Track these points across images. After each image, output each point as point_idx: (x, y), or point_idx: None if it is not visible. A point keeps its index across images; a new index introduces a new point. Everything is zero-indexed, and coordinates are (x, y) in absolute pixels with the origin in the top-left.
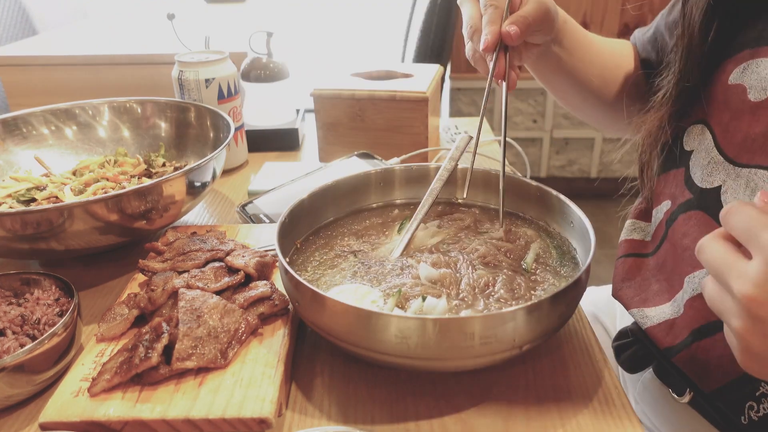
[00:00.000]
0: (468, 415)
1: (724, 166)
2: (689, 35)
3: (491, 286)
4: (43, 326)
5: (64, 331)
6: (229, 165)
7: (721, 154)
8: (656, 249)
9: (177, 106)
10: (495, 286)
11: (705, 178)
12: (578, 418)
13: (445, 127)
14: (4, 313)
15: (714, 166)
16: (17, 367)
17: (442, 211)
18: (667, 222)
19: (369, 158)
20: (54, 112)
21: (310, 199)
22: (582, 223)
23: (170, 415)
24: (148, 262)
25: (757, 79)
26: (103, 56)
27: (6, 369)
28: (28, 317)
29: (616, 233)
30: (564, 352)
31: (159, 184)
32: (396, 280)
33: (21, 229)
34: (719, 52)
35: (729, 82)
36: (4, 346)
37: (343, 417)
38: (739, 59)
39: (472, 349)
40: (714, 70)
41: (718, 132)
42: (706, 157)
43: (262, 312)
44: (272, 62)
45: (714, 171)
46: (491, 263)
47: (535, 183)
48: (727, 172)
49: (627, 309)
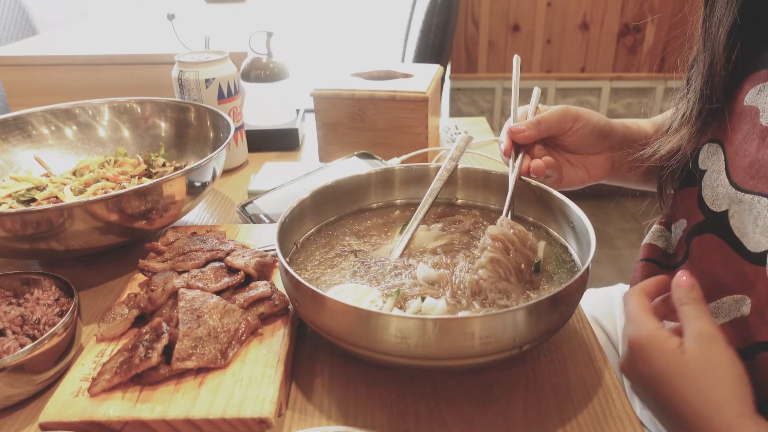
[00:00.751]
0: (468, 415)
1: (728, 190)
2: (711, 56)
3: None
4: (43, 326)
5: (64, 331)
6: (229, 165)
7: (728, 178)
8: (679, 264)
9: (177, 106)
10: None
11: (714, 201)
12: (578, 418)
13: (445, 127)
14: (4, 313)
15: (721, 189)
16: (17, 367)
17: (442, 212)
18: (686, 240)
19: (369, 158)
20: (54, 112)
21: (310, 199)
22: (582, 223)
23: (170, 415)
24: (148, 262)
25: None
26: (103, 56)
27: (6, 369)
28: (28, 317)
29: (616, 233)
30: (564, 352)
31: (159, 184)
32: (395, 280)
33: (21, 229)
34: (739, 71)
35: (744, 102)
36: (4, 346)
37: (343, 417)
38: (757, 79)
39: (472, 349)
40: (734, 88)
41: (729, 153)
42: (716, 179)
43: (262, 312)
44: (272, 62)
45: (721, 194)
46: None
47: (535, 183)
48: (731, 197)
49: None
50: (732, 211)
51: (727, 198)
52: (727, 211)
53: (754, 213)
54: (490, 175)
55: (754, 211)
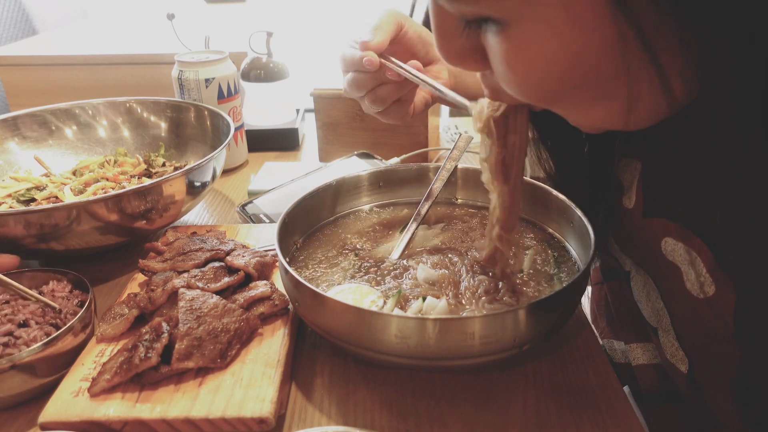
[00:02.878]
0: (468, 415)
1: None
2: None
3: (491, 291)
4: (65, 315)
5: (84, 320)
6: (229, 165)
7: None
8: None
9: (177, 106)
10: (494, 290)
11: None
12: (578, 418)
13: (445, 127)
14: (23, 306)
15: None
16: (44, 354)
17: (442, 211)
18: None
19: (369, 158)
20: (54, 112)
21: (311, 198)
22: (582, 222)
23: (170, 415)
24: (148, 262)
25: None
26: (103, 56)
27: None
28: (47, 309)
29: None
30: (564, 352)
31: (159, 184)
32: (396, 280)
33: (21, 229)
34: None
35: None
36: (30, 335)
37: (343, 417)
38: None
39: (472, 349)
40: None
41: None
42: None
43: (262, 312)
44: (272, 62)
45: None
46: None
47: (535, 183)
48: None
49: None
50: (633, 275)
51: (628, 260)
52: (630, 273)
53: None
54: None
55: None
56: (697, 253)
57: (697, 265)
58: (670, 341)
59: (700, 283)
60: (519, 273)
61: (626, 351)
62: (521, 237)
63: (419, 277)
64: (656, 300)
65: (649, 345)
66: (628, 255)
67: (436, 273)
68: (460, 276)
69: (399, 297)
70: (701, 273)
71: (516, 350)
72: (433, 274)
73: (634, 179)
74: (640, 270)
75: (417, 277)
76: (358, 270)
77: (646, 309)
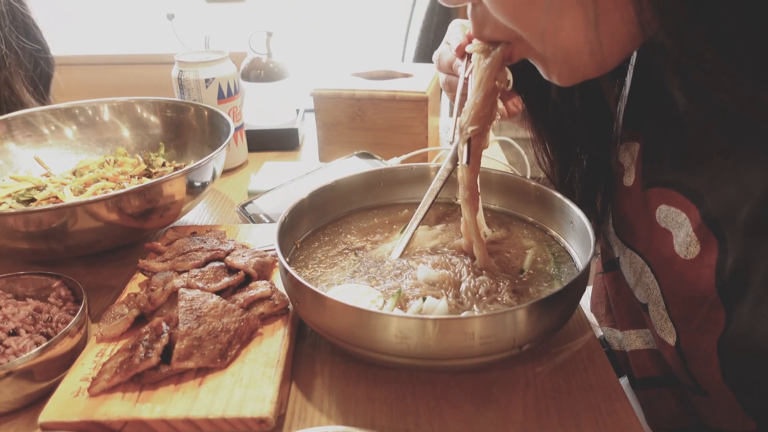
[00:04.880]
0: (468, 415)
1: (615, 238)
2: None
3: (492, 292)
4: (56, 324)
5: (78, 329)
6: (229, 165)
7: (613, 226)
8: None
9: (177, 106)
10: (495, 290)
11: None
12: (578, 418)
13: (445, 127)
14: (13, 314)
15: (611, 236)
16: (36, 363)
17: (443, 211)
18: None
19: (369, 158)
20: (54, 112)
21: (310, 198)
22: (582, 222)
23: (170, 415)
24: (148, 262)
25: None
26: (103, 56)
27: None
28: (38, 317)
29: None
30: (564, 352)
31: (159, 184)
32: (396, 280)
33: (21, 229)
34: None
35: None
36: (20, 345)
37: (343, 417)
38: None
39: (472, 349)
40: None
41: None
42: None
43: (262, 312)
44: (272, 62)
45: (612, 240)
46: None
47: (534, 183)
48: (619, 245)
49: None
50: (621, 260)
51: (617, 245)
52: (619, 258)
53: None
54: (490, 174)
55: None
56: (686, 213)
57: (686, 226)
58: (660, 313)
59: (687, 243)
60: (519, 273)
61: (621, 339)
62: (521, 237)
63: (419, 277)
64: (647, 275)
65: (642, 331)
66: (621, 237)
67: (436, 273)
68: (460, 276)
69: (399, 297)
70: (689, 233)
71: (516, 350)
72: (433, 274)
73: (633, 158)
74: (627, 251)
75: (417, 277)
76: (358, 270)
77: (637, 289)
